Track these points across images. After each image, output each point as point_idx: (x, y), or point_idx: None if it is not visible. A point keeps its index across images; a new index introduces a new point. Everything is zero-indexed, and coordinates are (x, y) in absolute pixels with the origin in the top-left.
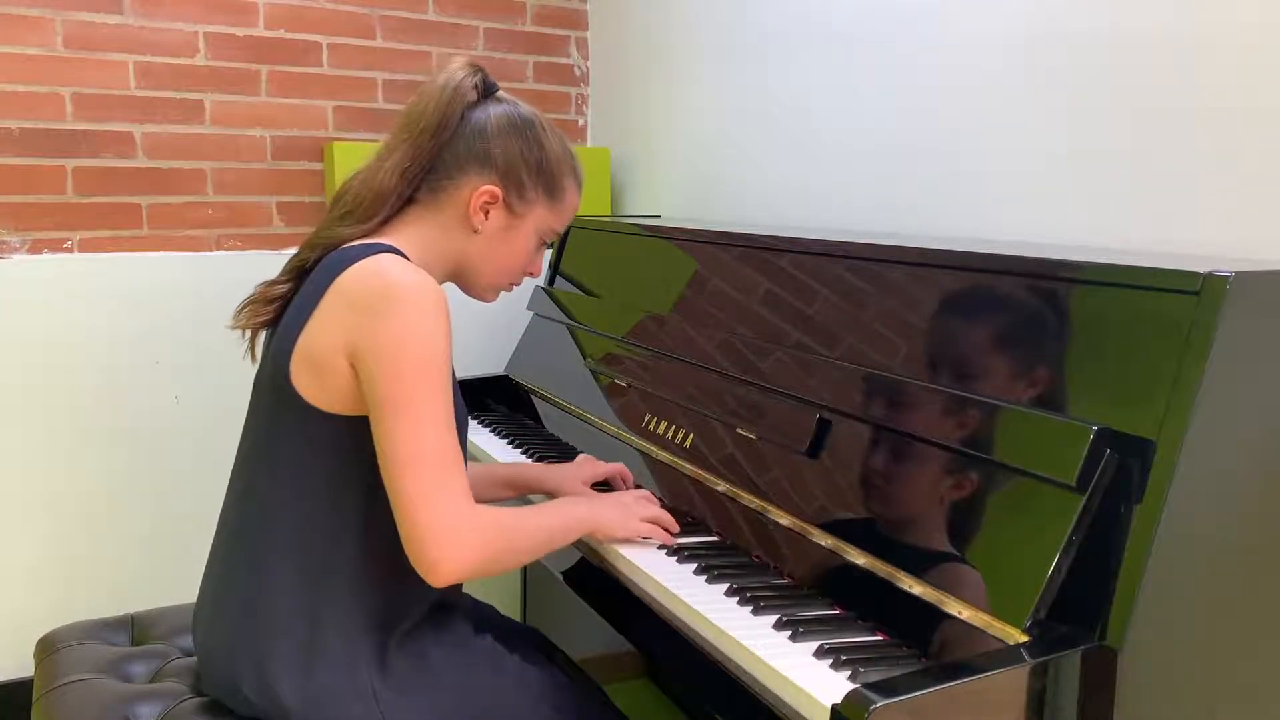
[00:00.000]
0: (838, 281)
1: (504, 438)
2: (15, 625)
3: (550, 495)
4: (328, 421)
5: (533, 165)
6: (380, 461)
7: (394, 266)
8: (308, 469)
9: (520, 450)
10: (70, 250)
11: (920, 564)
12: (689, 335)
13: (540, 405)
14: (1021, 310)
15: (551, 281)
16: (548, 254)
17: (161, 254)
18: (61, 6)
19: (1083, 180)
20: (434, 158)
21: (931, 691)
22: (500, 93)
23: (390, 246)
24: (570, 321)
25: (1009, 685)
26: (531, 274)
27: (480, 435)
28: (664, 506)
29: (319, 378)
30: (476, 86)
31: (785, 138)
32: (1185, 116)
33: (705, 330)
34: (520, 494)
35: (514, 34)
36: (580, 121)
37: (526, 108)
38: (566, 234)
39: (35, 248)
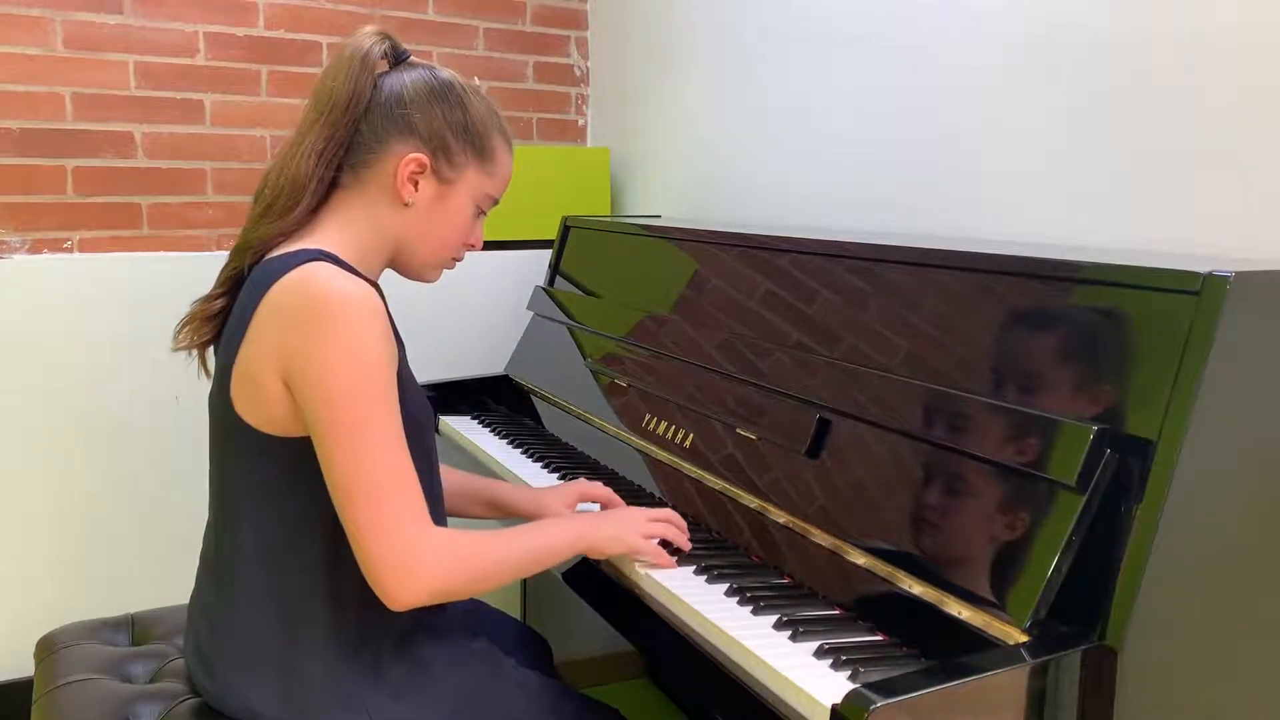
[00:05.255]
0: (838, 281)
1: (504, 438)
2: (15, 625)
3: (531, 518)
4: (274, 445)
5: (458, 128)
6: (329, 489)
7: (323, 276)
8: (262, 493)
9: (520, 450)
10: (70, 250)
11: (920, 564)
12: (689, 335)
13: (540, 405)
14: (1021, 310)
15: (551, 281)
16: (548, 254)
17: (161, 254)
18: (61, 6)
19: (1082, 180)
20: (350, 135)
21: (931, 691)
22: (412, 58)
23: (319, 252)
24: (570, 321)
25: (1009, 685)
26: (472, 246)
27: (480, 435)
28: (663, 507)
29: (257, 401)
30: (386, 55)
31: (785, 138)
32: (1185, 116)
33: (705, 330)
34: (500, 515)
35: (514, 34)
36: (580, 121)
37: (444, 71)
38: (566, 234)
39: (35, 248)
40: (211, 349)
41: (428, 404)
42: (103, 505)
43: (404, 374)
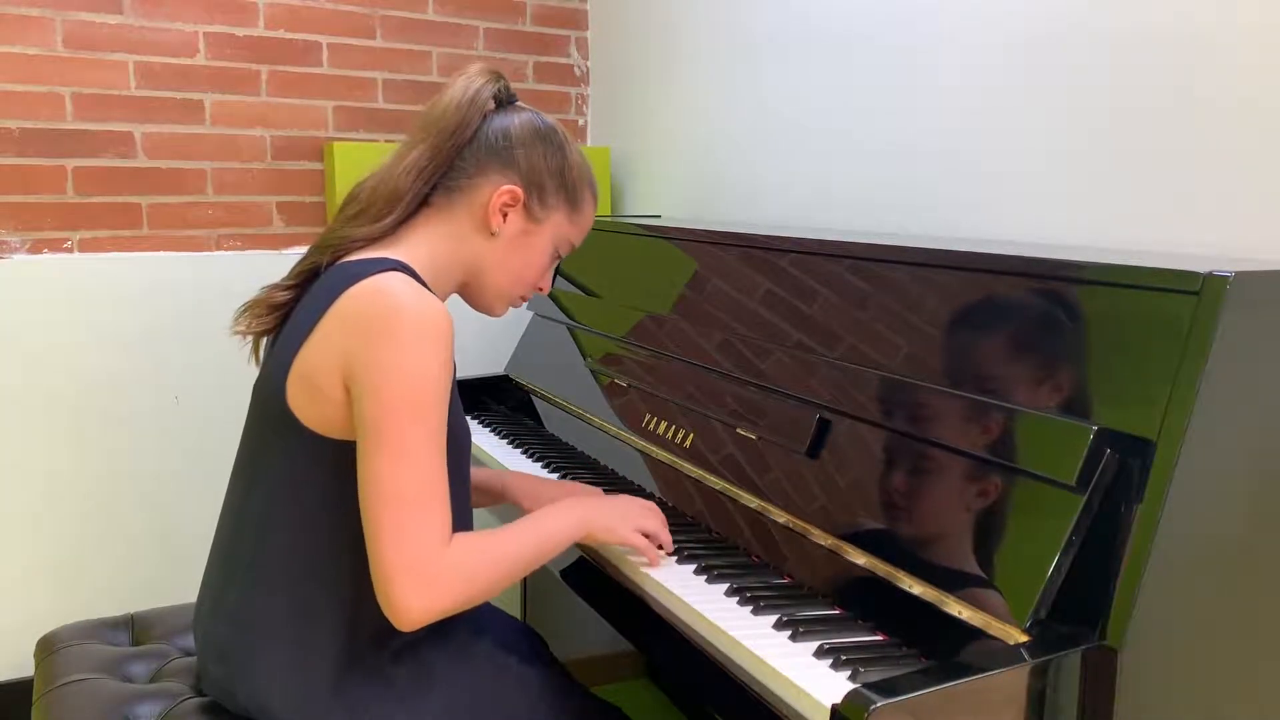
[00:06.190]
0: (838, 281)
1: (504, 438)
2: (15, 625)
3: (524, 509)
4: (321, 444)
5: (555, 171)
6: (359, 489)
7: (398, 287)
8: (300, 490)
9: (520, 450)
10: (70, 250)
11: (920, 564)
12: (689, 335)
13: (540, 405)
14: (1021, 310)
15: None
16: None
17: (161, 254)
18: (61, 6)
19: (1082, 180)
20: (452, 159)
21: (931, 691)
22: (520, 101)
23: (397, 263)
24: (570, 321)
25: (1009, 685)
26: (541, 289)
27: (480, 435)
28: (663, 508)
29: (313, 399)
30: (496, 95)
31: (785, 138)
32: (1185, 116)
33: (705, 330)
34: (494, 501)
35: (514, 34)
36: (580, 121)
37: (549, 117)
38: None
39: (35, 248)
40: (265, 339)
41: (469, 430)
42: (103, 505)
43: (452, 396)
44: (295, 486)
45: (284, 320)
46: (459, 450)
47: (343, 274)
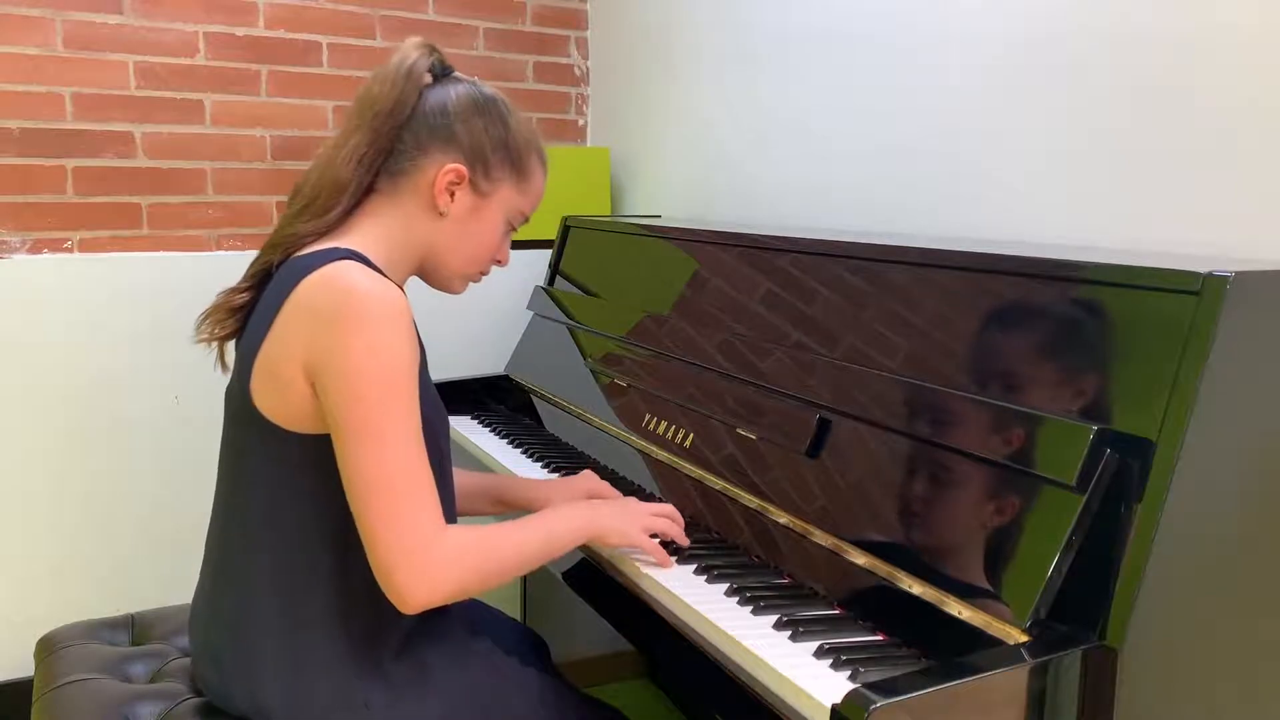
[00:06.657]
0: (838, 281)
1: (504, 438)
2: (15, 625)
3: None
4: (292, 441)
5: (498, 143)
6: (345, 485)
7: (353, 275)
8: (276, 489)
9: (520, 450)
10: (70, 250)
11: (920, 564)
12: (689, 335)
13: (540, 405)
14: (1021, 310)
15: (551, 281)
16: (548, 254)
17: (161, 254)
18: (61, 6)
19: (1082, 180)
20: (392, 142)
21: (931, 691)
22: (457, 73)
23: (350, 251)
24: (570, 321)
25: (1009, 685)
26: (499, 262)
27: (480, 435)
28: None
29: (278, 395)
30: (431, 69)
31: (785, 138)
32: (1185, 116)
33: (705, 330)
34: (507, 510)
35: (514, 34)
36: (580, 121)
37: (488, 87)
38: (566, 234)
39: (35, 248)
40: (232, 342)
41: (443, 408)
42: (103, 505)
43: (422, 378)
44: (272, 486)
45: (245, 322)
46: (434, 433)
47: (295, 268)
